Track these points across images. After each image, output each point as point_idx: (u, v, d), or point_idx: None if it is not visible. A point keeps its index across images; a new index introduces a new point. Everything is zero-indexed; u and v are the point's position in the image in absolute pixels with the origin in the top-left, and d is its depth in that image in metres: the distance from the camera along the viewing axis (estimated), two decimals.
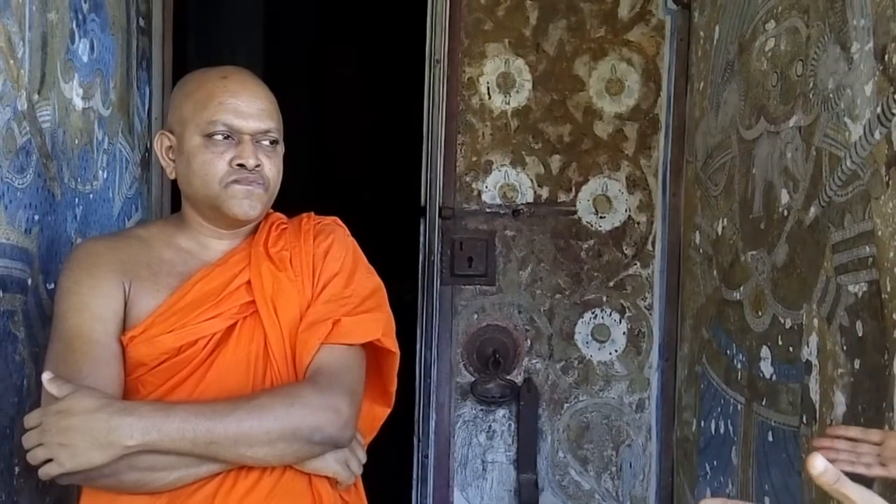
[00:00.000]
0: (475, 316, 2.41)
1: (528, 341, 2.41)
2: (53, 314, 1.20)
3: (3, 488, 1.31)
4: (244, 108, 1.20)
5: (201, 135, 1.20)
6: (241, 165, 1.19)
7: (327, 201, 2.15)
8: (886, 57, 1.40)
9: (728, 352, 2.02)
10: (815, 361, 1.61)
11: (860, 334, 1.46)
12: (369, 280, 1.27)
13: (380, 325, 1.23)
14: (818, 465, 0.79)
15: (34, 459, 1.05)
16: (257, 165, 1.20)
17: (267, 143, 1.22)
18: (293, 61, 4.65)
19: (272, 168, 1.23)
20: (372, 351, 1.25)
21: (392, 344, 1.25)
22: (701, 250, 2.24)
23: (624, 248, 2.43)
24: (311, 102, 4.76)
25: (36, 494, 1.44)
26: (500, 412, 2.40)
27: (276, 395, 1.12)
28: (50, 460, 1.04)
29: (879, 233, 1.41)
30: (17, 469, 1.36)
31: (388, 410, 1.33)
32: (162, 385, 1.16)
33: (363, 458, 1.23)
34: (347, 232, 1.32)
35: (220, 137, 1.19)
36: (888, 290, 1.38)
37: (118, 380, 1.14)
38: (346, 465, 1.19)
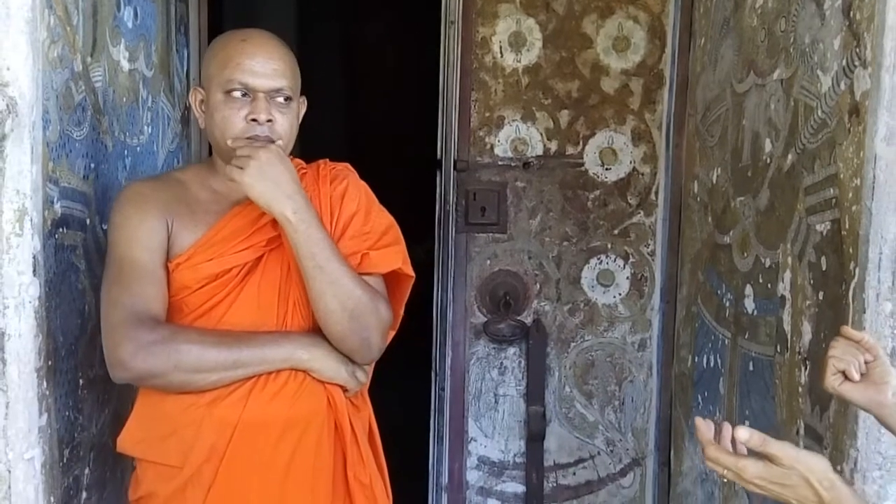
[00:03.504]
0: (488, 262, 2.59)
1: (538, 285, 2.59)
2: (107, 245, 1.41)
3: (70, 397, 1.54)
4: (259, 68, 1.36)
5: (222, 91, 1.37)
6: (254, 120, 1.37)
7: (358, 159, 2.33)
8: (852, 13, 1.52)
9: (718, 292, 2.17)
10: (788, 296, 1.76)
11: (824, 269, 1.60)
12: (383, 217, 1.47)
13: (400, 256, 1.44)
14: (742, 434, 0.97)
15: None
16: (269, 120, 1.37)
17: (281, 99, 1.39)
18: (325, 26, 4.81)
19: (284, 123, 1.39)
20: (387, 277, 1.45)
21: (409, 269, 1.47)
22: (699, 199, 2.38)
23: (628, 197, 2.58)
24: (344, 67, 4.93)
25: (97, 405, 1.68)
26: (511, 350, 2.60)
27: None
28: None
29: (841, 175, 1.54)
30: (81, 381, 1.59)
31: (394, 333, 1.53)
32: (202, 305, 1.37)
33: (367, 369, 1.45)
34: (357, 176, 1.51)
35: (237, 95, 1.36)
36: (846, 227, 1.52)
37: (163, 299, 1.35)
38: (354, 375, 1.41)
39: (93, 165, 1.62)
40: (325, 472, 1.36)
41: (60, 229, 1.47)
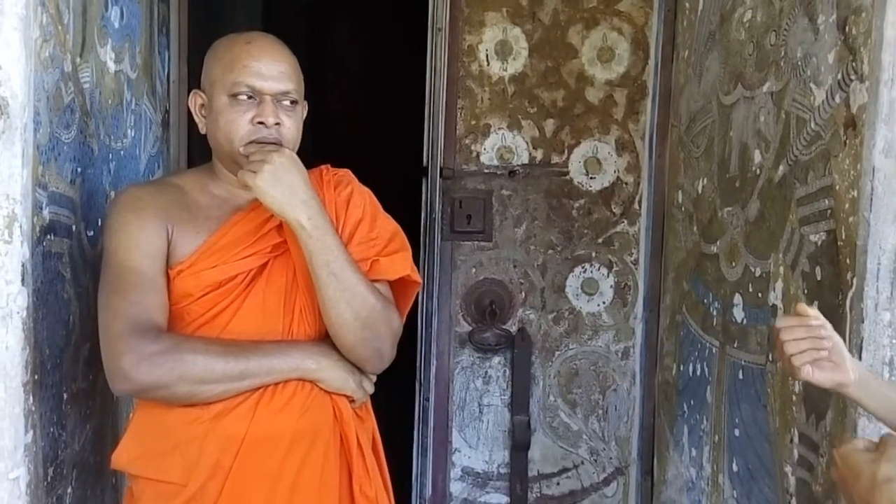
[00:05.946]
0: (473, 270, 2.58)
1: (523, 294, 2.58)
2: (103, 251, 1.35)
3: (54, 411, 1.48)
4: (265, 70, 1.33)
5: (227, 95, 1.33)
6: (261, 123, 1.33)
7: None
8: (847, 28, 1.55)
9: (705, 301, 2.19)
10: (780, 305, 1.78)
11: (819, 278, 1.62)
12: (389, 223, 1.44)
13: (408, 263, 1.42)
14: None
15: None
16: (276, 123, 1.33)
17: (287, 102, 1.35)
18: (293, 25, 4.75)
19: (290, 126, 1.36)
20: (392, 284, 1.42)
21: (417, 276, 1.44)
22: (683, 208, 2.40)
23: (612, 206, 2.59)
24: (311, 67, 4.86)
25: (80, 421, 1.61)
26: (496, 359, 2.58)
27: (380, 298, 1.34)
28: None
29: (837, 187, 1.57)
30: (65, 395, 1.52)
31: None
32: (205, 313, 1.32)
33: (373, 379, 1.42)
34: (359, 182, 1.48)
35: (243, 97, 1.33)
36: (843, 237, 1.54)
37: (164, 308, 1.30)
38: (361, 386, 1.38)
39: (79, 170, 1.56)
40: (332, 486, 1.32)
41: (48, 236, 1.41)
